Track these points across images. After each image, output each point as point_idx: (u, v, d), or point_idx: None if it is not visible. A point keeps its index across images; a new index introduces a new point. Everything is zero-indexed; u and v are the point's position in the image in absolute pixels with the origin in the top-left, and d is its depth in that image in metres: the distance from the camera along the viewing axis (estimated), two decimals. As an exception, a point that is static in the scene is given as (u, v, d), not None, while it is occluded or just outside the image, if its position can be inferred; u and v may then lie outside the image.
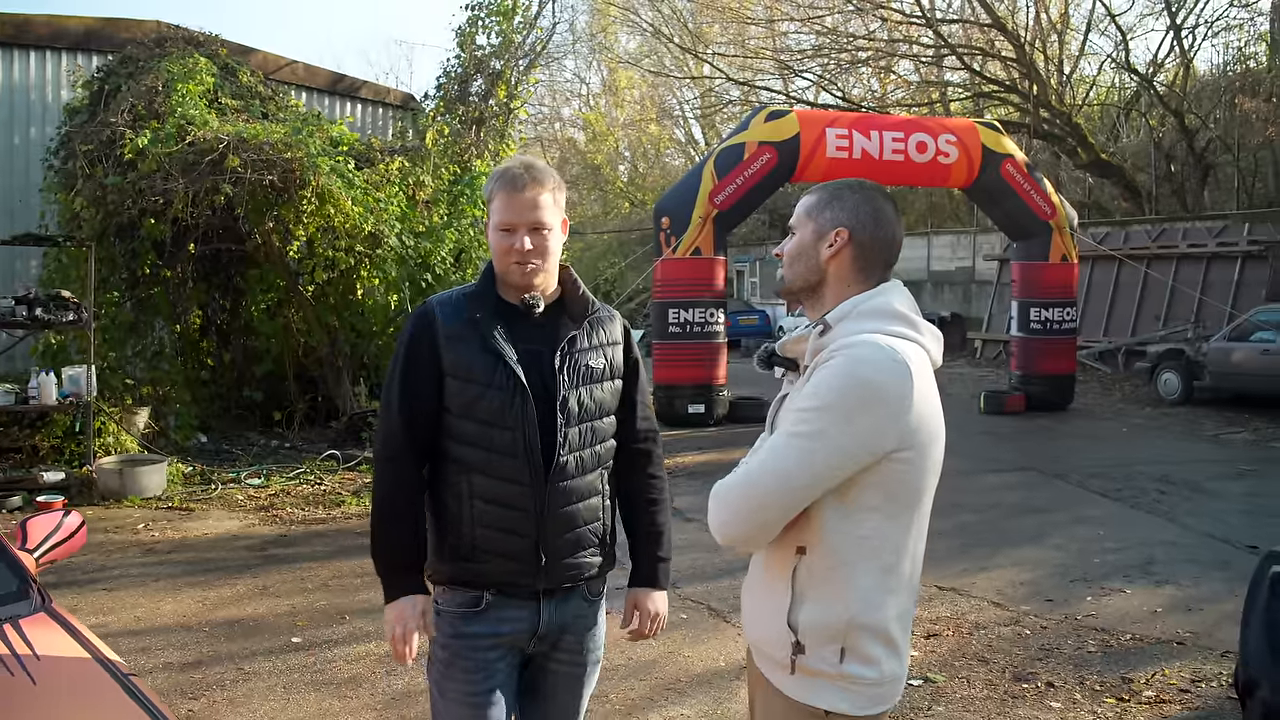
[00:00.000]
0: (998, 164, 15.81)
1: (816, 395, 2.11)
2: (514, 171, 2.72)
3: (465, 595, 2.74)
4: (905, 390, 2.09)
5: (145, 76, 11.60)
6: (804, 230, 2.35)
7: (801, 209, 2.39)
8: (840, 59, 28.52)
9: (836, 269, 2.30)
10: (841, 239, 2.28)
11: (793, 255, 2.37)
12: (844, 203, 2.31)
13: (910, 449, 2.12)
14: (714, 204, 14.69)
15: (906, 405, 2.09)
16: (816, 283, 2.33)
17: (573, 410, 2.73)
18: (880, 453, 2.09)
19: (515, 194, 2.69)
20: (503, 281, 2.78)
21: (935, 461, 2.22)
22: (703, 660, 5.65)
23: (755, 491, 2.14)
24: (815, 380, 2.14)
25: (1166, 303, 20.88)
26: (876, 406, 2.07)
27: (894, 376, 2.08)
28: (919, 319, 2.26)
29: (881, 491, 2.13)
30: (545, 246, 2.72)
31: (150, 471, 9.88)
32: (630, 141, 47.30)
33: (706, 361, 14.93)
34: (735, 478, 2.21)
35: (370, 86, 16.87)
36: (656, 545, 2.97)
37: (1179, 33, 25.41)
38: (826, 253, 2.30)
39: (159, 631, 6.11)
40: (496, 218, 2.72)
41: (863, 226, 2.29)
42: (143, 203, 10.51)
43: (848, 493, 2.12)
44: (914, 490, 2.18)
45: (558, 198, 2.77)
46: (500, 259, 2.73)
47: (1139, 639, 5.94)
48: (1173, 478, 10.78)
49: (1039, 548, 8.06)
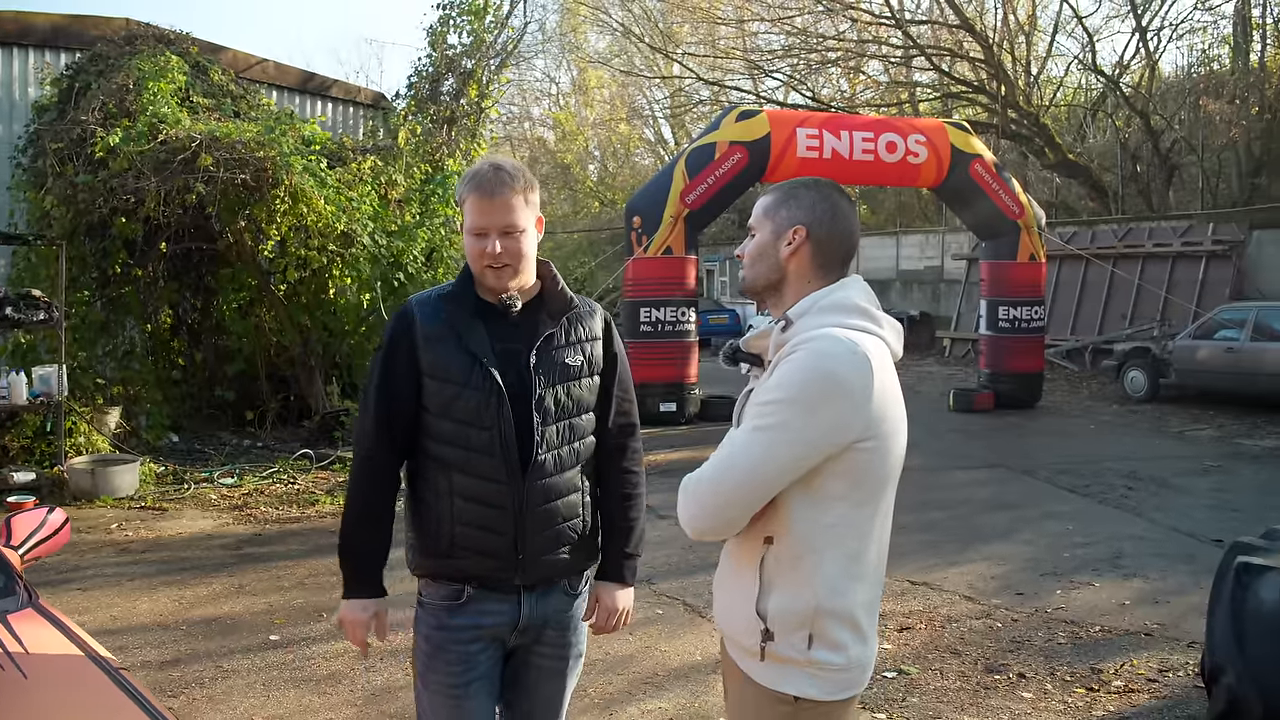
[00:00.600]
0: (966, 164, 15.94)
1: (780, 388, 2.16)
2: (483, 174, 2.73)
3: (447, 589, 2.78)
4: (866, 381, 2.14)
5: (116, 74, 11.55)
6: (762, 230, 2.41)
7: (759, 209, 2.45)
8: (810, 59, 28.65)
9: (796, 266, 2.36)
10: (799, 237, 2.34)
11: (753, 255, 2.42)
12: (800, 201, 2.37)
13: (873, 438, 2.18)
14: (685, 203, 14.75)
15: (868, 396, 2.14)
16: (777, 281, 2.39)
17: (549, 409, 2.76)
18: (844, 443, 2.14)
19: (485, 198, 2.70)
20: (479, 283, 2.81)
21: (898, 450, 2.28)
22: (679, 655, 5.70)
23: (722, 484, 2.19)
24: (778, 374, 2.19)
25: (1133, 301, 21.10)
26: (839, 398, 2.12)
27: (855, 368, 2.14)
28: (878, 312, 2.32)
29: (846, 480, 2.18)
30: (518, 249, 2.73)
31: (122, 471, 9.84)
32: (600, 141, 47.32)
33: (678, 360, 14.99)
34: (702, 471, 2.25)
35: (341, 85, 16.82)
36: (625, 541, 2.98)
37: (1144, 35, 25.72)
38: (785, 251, 2.35)
39: (136, 630, 6.11)
40: (468, 221, 2.74)
41: (820, 223, 2.34)
42: (114, 201, 10.47)
43: (813, 482, 2.18)
44: (878, 478, 2.23)
45: (529, 198, 2.77)
46: (473, 262, 2.76)
47: (1108, 631, 6.05)
48: (1140, 474, 10.94)
49: (1009, 543, 8.17)
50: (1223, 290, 19.60)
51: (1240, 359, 15.47)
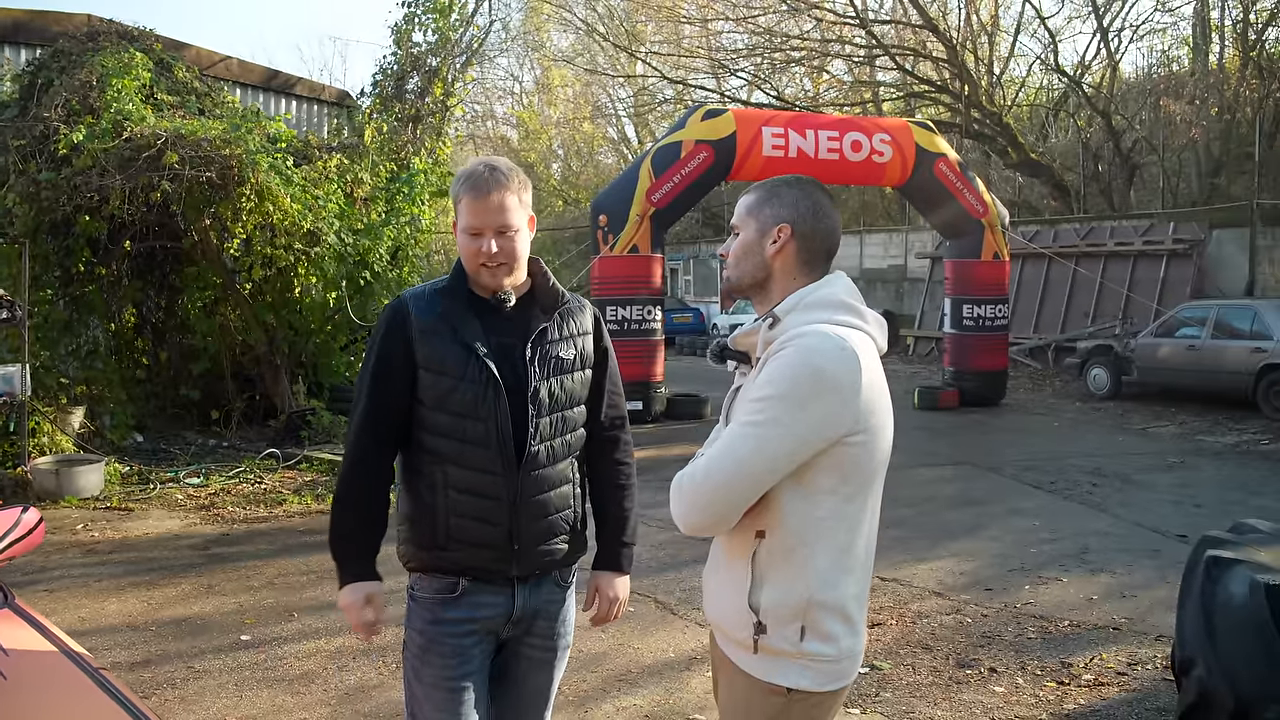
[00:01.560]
0: (931, 163, 16.05)
1: (770, 384, 2.19)
2: (478, 174, 2.76)
3: (441, 581, 2.79)
4: (855, 376, 2.18)
5: (78, 71, 11.43)
6: (747, 229, 2.44)
7: (742, 208, 2.48)
8: (774, 59, 28.74)
9: (782, 264, 2.39)
10: (784, 234, 2.37)
11: (738, 254, 2.45)
12: (783, 199, 2.40)
13: (863, 432, 2.21)
14: (651, 201, 14.76)
15: (857, 390, 2.18)
16: (763, 279, 2.42)
17: (544, 401, 2.79)
18: (834, 437, 2.18)
19: (480, 198, 2.73)
20: (473, 279, 2.83)
21: (886, 443, 2.32)
22: (652, 651, 5.72)
23: (715, 480, 2.21)
24: (768, 371, 2.22)
25: (1095, 300, 21.32)
26: (828, 393, 2.15)
27: (843, 364, 2.17)
28: (863, 308, 2.36)
29: (837, 474, 2.21)
30: (512, 248, 2.77)
31: (87, 471, 9.74)
32: (563, 140, 47.26)
33: (644, 359, 15.00)
34: (694, 468, 2.28)
35: (305, 83, 16.73)
36: (621, 530, 3.03)
37: (1106, 35, 25.97)
38: (771, 249, 2.39)
39: (105, 631, 6.05)
40: (463, 220, 2.77)
41: (803, 220, 2.38)
42: (77, 199, 10.37)
43: (804, 476, 2.21)
44: (867, 472, 2.26)
45: (523, 197, 2.80)
46: (468, 261, 2.78)
47: (1076, 625, 6.11)
48: (1104, 470, 11.06)
49: (977, 539, 8.24)
50: (1184, 289, 19.85)
51: (1202, 356, 15.66)
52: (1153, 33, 27.43)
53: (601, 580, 3.04)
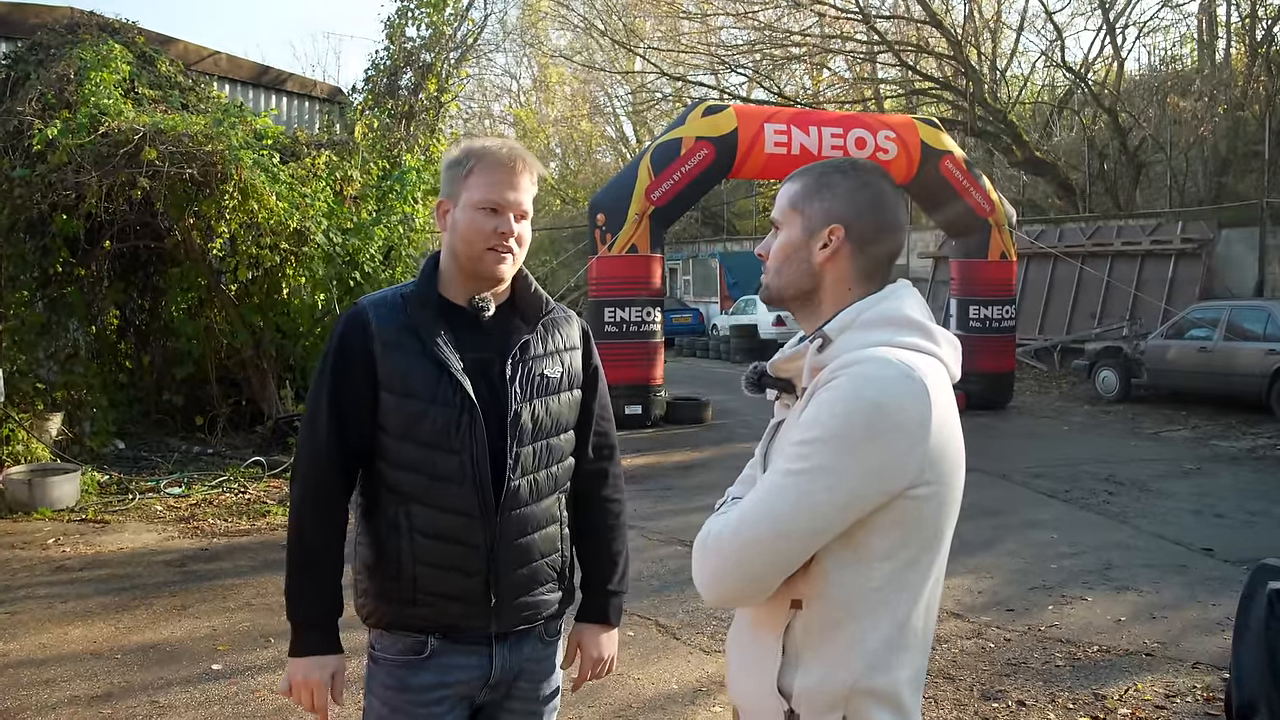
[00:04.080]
0: (936, 160, 15.68)
1: (817, 424, 1.73)
2: (498, 146, 2.37)
3: (407, 641, 2.39)
4: (923, 413, 1.72)
5: (56, 64, 11.01)
6: (790, 226, 1.96)
7: (785, 199, 1.99)
8: (774, 55, 28.36)
9: (834, 272, 1.91)
10: (838, 237, 1.89)
11: (780, 258, 1.96)
12: (837, 190, 1.92)
13: (930, 483, 1.75)
14: (650, 200, 14.37)
15: (925, 431, 1.73)
16: (810, 289, 1.94)
17: (526, 426, 2.38)
18: (895, 490, 1.73)
19: (509, 173, 2.35)
20: (465, 273, 2.40)
21: (957, 494, 1.85)
22: (653, 682, 5.31)
23: (747, 541, 1.76)
24: (815, 406, 1.76)
25: (1101, 300, 20.95)
26: (890, 435, 1.70)
27: (909, 398, 1.72)
28: (934, 326, 1.89)
29: (897, 535, 1.76)
30: (526, 236, 2.41)
31: (62, 481, 9.34)
32: (561, 138, 46.86)
33: (643, 361, 14.62)
34: (723, 524, 1.82)
35: (296, 79, 16.36)
36: (609, 577, 2.63)
37: (1112, 31, 25.58)
38: (821, 254, 1.91)
39: (66, 660, 5.64)
40: (476, 194, 2.34)
41: (862, 218, 1.90)
42: (53, 197, 9.94)
43: (856, 537, 1.76)
44: (935, 531, 1.81)
45: (535, 189, 2.45)
46: (474, 244, 2.35)
47: (1106, 650, 5.71)
48: (1119, 477, 10.66)
49: (994, 553, 7.83)
50: (1192, 289, 19.49)
51: (1213, 359, 15.28)
52: (1156, 31, 27.03)
53: (585, 635, 2.63)
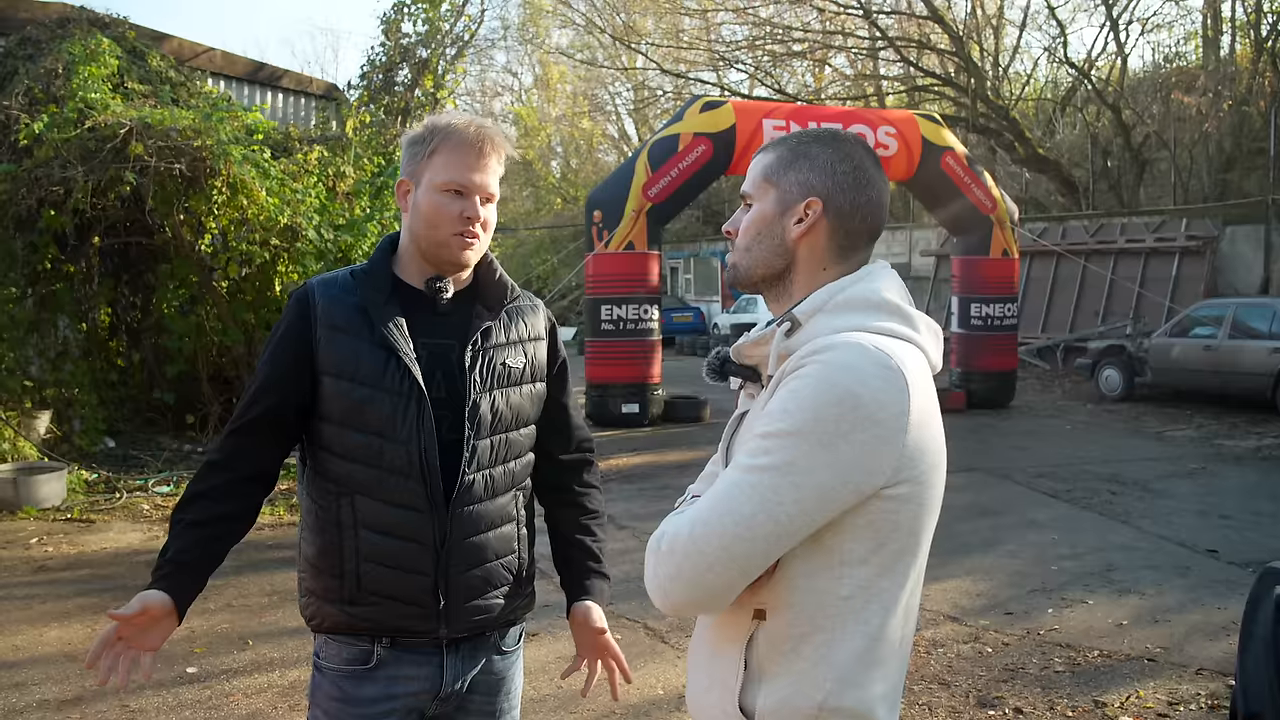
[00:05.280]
0: (938, 156, 15.52)
1: (784, 415, 1.57)
2: (465, 125, 2.21)
3: (352, 649, 2.25)
4: (901, 405, 1.57)
5: (44, 59, 10.87)
6: (763, 199, 1.79)
7: (758, 169, 1.82)
8: (774, 51, 28.20)
9: (809, 249, 1.76)
10: (814, 211, 1.74)
11: (751, 234, 1.80)
12: (815, 161, 1.76)
13: (907, 481, 1.60)
14: (647, 197, 14.22)
15: (902, 425, 1.57)
16: (783, 269, 1.78)
17: (484, 418, 2.24)
18: (869, 489, 1.57)
19: (475, 153, 2.19)
20: (426, 257, 2.26)
21: (937, 494, 1.70)
22: (638, 688, 5.13)
23: (705, 544, 1.59)
24: (782, 396, 1.60)
25: (1105, 298, 20.77)
26: (864, 429, 1.55)
27: (886, 388, 1.57)
28: (914, 311, 1.74)
29: (870, 538, 1.61)
30: (491, 221, 2.26)
31: (48, 480, 9.20)
32: (562, 137, 46.74)
33: (640, 360, 14.46)
34: (679, 524, 1.65)
35: (292, 76, 16.24)
36: (595, 558, 2.49)
37: (1115, 27, 25.39)
38: (795, 230, 1.75)
39: (39, 663, 5.50)
40: (441, 176, 2.19)
41: (841, 190, 1.75)
42: (40, 192, 9.80)
43: (825, 540, 1.60)
44: (912, 534, 1.65)
45: (503, 169, 2.29)
46: (439, 227, 2.20)
47: (1107, 655, 5.54)
48: (1121, 477, 10.49)
49: (992, 554, 7.67)
50: (1197, 287, 19.30)
51: (1219, 357, 15.09)
52: (1160, 27, 26.86)
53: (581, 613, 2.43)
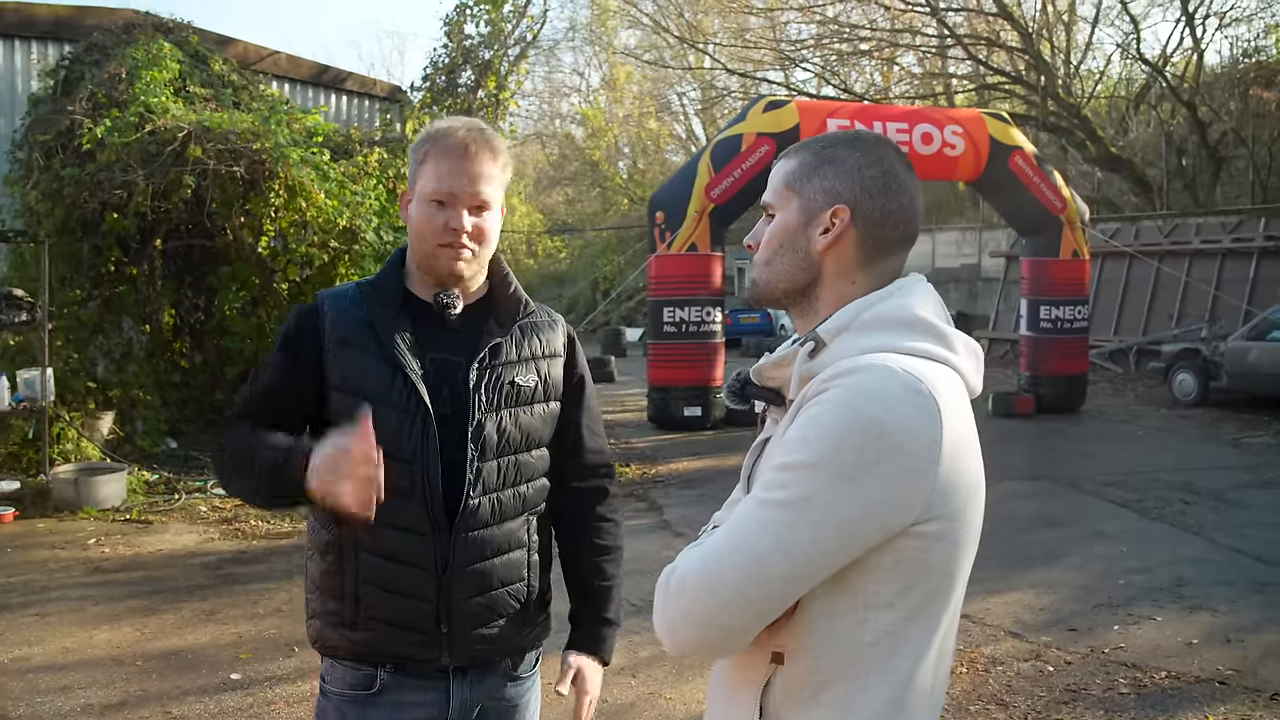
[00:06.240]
0: (1006, 156, 15.19)
1: (804, 445, 1.43)
2: (454, 130, 2.14)
3: (355, 674, 2.17)
4: (933, 434, 1.42)
5: (109, 64, 10.99)
6: (785, 209, 1.66)
7: (780, 178, 1.69)
8: (841, 50, 27.91)
9: (835, 262, 1.62)
10: (841, 220, 1.60)
11: (772, 246, 1.67)
12: (841, 166, 1.63)
13: (939, 518, 1.45)
14: (710, 198, 14.07)
15: (934, 456, 1.42)
16: (807, 284, 1.64)
17: (490, 439, 2.14)
18: (896, 527, 1.42)
19: (459, 159, 2.11)
20: (423, 270, 2.19)
21: (973, 531, 1.55)
22: (685, 703, 5.02)
23: (717, 583, 1.44)
24: (802, 423, 1.45)
25: (1179, 300, 20.27)
26: (890, 460, 1.40)
27: (917, 415, 1.42)
28: (950, 330, 1.58)
29: (897, 580, 1.46)
30: (485, 230, 2.15)
31: (108, 481, 9.27)
32: (629, 137, 46.69)
33: (703, 362, 14.31)
34: (689, 561, 1.50)
35: (356, 78, 16.27)
36: (603, 605, 2.36)
37: (1191, 22, 24.77)
38: (821, 241, 1.61)
39: (86, 666, 5.50)
40: (428, 185, 2.12)
41: (869, 197, 1.61)
42: (103, 196, 9.90)
43: (849, 581, 1.45)
44: (944, 575, 1.50)
45: (505, 174, 2.19)
46: (426, 240, 2.13)
47: (1175, 677, 5.31)
48: (1195, 486, 10.14)
49: (1057, 567, 7.43)
50: (1275, 288, 18.73)
51: (1298, 361, 14.63)
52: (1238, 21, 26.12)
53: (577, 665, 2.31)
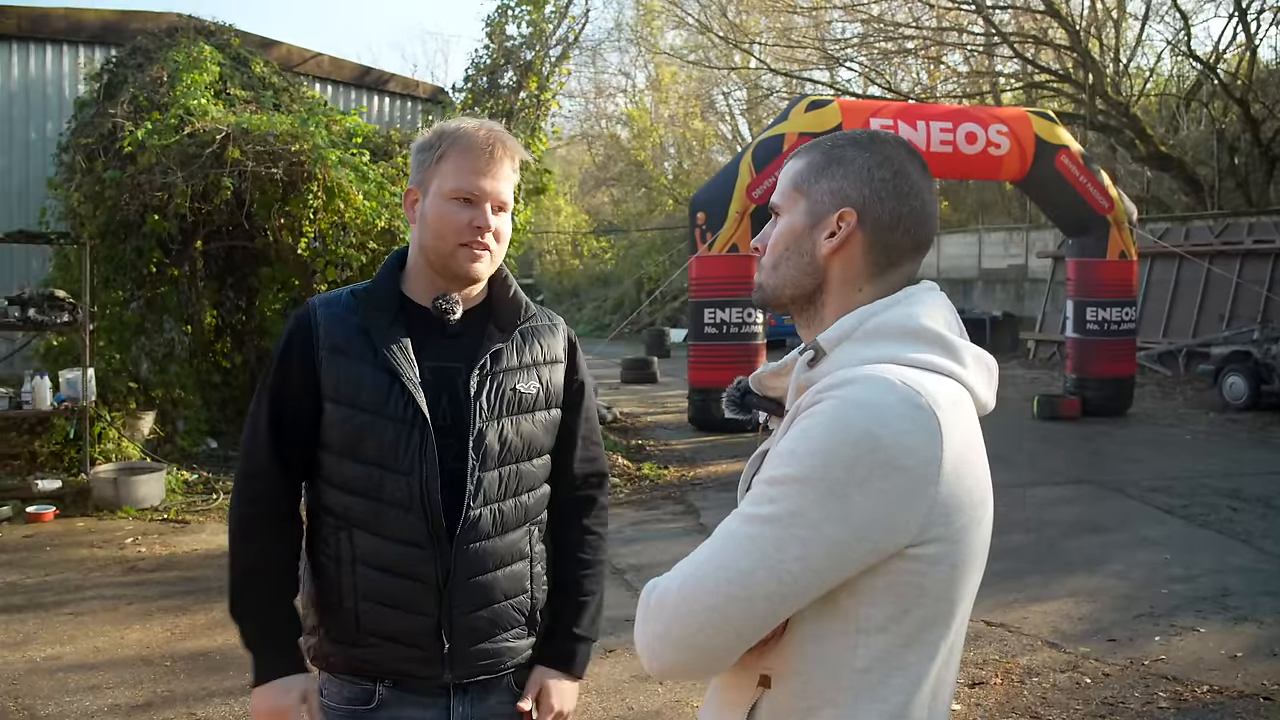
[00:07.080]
0: (1052, 155, 14.98)
1: (792, 459, 1.36)
2: (480, 132, 2.09)
3: (354, 688, 2.12)
4: (931, 452, 1.34)
5: (151, 67, 11.09)
6: (792, 211, 1.59)
7: (787, 179, 1.61)
8: (886, 48, 27.69)
9: (842, 267, 1.55)
10: (848, 223, 1.53)
11: (778, 250, 1.60)
12: (849, 167, 1.55)
13: (938, 540, 1.36)
14: (751, 198, 13.99)
15: (932, 475, 1.34)
16: (813, 289, 1.57)
17: (491, 448, 2.09)
18: (890, 547, 1.34)
19: (481, 156, 2.07)
20: (435, 269, 2.13)
21: (976, 553, 1.45)
22: (713, 712, 4.96)
23: (695, 602, 1.37)
24: (793, 435, 1.38)
25: (1230, 302, 19.90)
26: (883, 477, 1.32)
27: (913, 430, 1.34)
28: (958, 340, 1.49)
29: (892, 604, 1.37)
30: (504, 231, 2.11)
31: (147, 480, 9.35)
32: (675, 138, 46.59)
33: (744, 363, 14.18)
34: (671, 577, 1.44)
35: (399, 80, 16.34)
36: (576, 618, 2.30)
37: (1244, 18, 24.31)
38: (827, 245, 1.54)
39: (116, 665, 5.53)
40: (449, 184, 2.07)
41: (878, 199, 1.53)
42: (143, 197, 9.98)
43: (839, 604, 1.38)
44: (943, 600, 1.41)
45: (517, 176, 2.15)
46: (446, 238, 2.08)
47: (1218, 692, 5.16)
48: (1244, 493, 9.92)
49: (1099, 575, 7.28)
50: (1330, 290, 18.39)
51: (1351, 365, 14.32)
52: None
53: (545, 681, 2.26)
